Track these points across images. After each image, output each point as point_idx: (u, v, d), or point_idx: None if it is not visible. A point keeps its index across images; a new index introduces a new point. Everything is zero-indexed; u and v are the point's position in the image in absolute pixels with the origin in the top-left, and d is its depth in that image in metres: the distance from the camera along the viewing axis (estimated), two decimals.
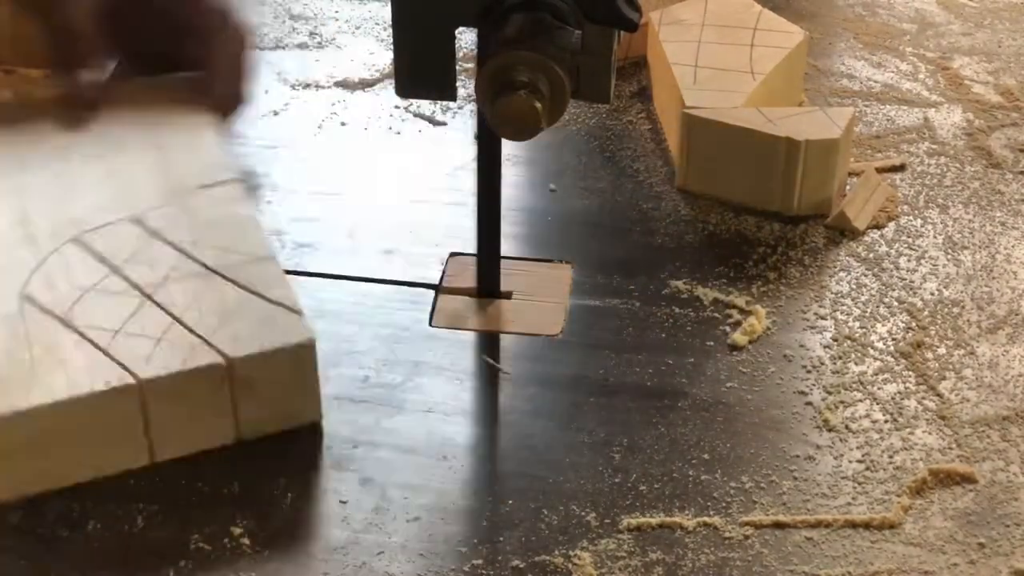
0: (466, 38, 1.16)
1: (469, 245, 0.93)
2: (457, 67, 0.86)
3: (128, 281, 0.84)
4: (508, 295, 0.93)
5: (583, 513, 0.78)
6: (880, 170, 1.04)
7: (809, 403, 0.85)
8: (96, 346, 0.79)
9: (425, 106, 1.11)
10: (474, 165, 0.89)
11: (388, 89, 1.13)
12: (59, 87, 0.97)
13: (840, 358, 0.88)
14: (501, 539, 0.76)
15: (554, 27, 0.81)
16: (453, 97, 0.87)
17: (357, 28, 1.21)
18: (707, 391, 0.86)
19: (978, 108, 1.12)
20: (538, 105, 0.81)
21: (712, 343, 0.89)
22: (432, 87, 0.87)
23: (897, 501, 0.79)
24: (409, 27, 0.84)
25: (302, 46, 1.19)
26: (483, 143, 0.88)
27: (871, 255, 0.97)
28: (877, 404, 0.85)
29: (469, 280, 0.93)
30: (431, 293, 0.93)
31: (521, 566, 0.75)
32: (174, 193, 0.91)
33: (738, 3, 1.12)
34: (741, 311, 0.92)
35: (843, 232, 0.99)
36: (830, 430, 0.83)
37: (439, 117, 1.10)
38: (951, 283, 0.94)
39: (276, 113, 1.10)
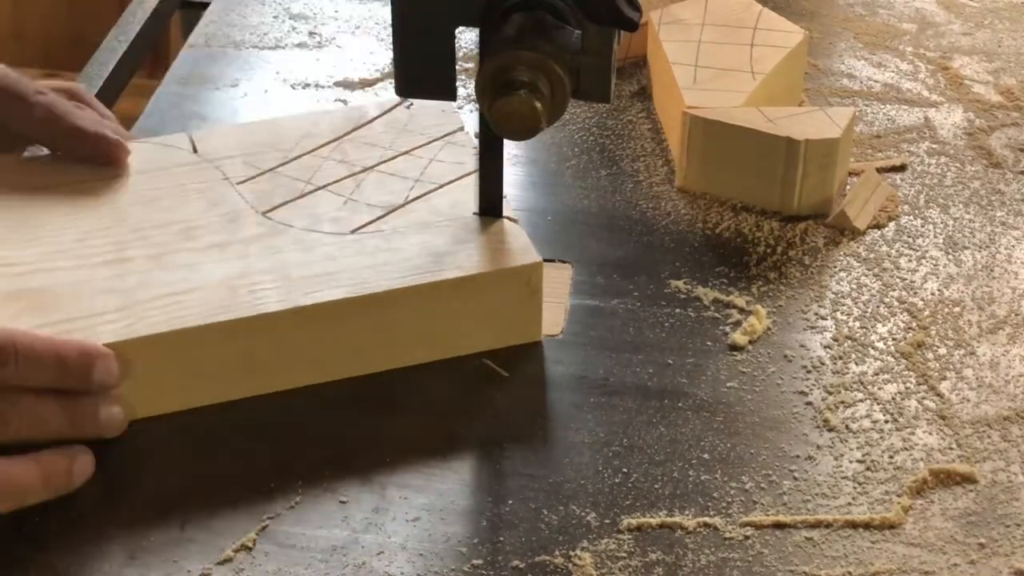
0: (466, 38, 1.16)
1: None
2: (457, 67, 0.86)
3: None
4: None
5: (583, 513, 0.78)
6: (880, 170, 1.04)
7: (809, 403, 0.85)
8: None
9: None
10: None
11: (388, 89, 1.13)
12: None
13: (840, 358, 0.88)
14: (501, 539, 0.76)
15: (554, 27, 0.81)
16: (453, 97, 0.87)
17: (357, 28, 1.21)
18: (707, 391, 0.86)
19: (978, 108, 1.12)
20: (538, 105, 0.81)
21: (712, 343, 0.89)
22: (432, 87, 0.87)
23: (897, 501, 0.79)
24: (409, 27, 0.84)
25: (302, 46, 1.19)
26: (485, 143, 0.88)
27: (871, 255, 0.97)
28: (877, 404, 0.85)
29: None
30: None
31: (521, 566, 0.75)
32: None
33: (738, 3, 1.12)
34: (741, 311, 0.92)
35: (843, 232, 0.99)
36: (830, 430, 0.83)
37: None
38: (952, 283, 0.94)
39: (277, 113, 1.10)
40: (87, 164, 0.93)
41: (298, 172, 0.94)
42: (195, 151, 0.95)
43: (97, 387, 0.79)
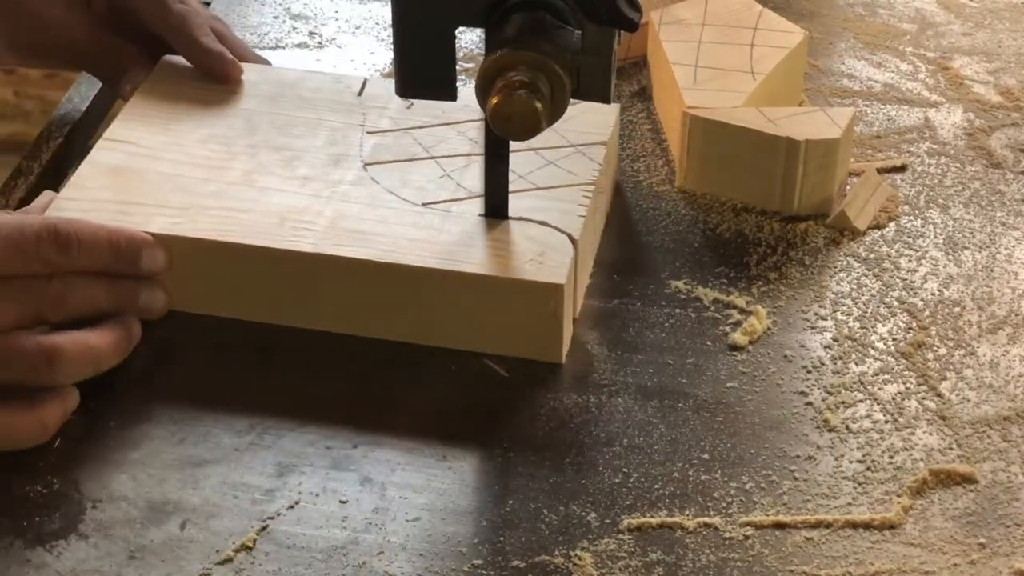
0: (466, 38, 1.16)
1: None
2: (457, 67, 0.86)
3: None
4: None
5: (583, 513, 0.78)
6: (880, 170, 1.04)
7: (809, 403, 0.85)
8: None
9: None
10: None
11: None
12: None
13: (840, 358, 0.88)
14: (501, 539, 0.76)
15: (554, 27, 0.81)
16: (453, 97, 0.87)
17: (357, 28, 1.21)
18: (707, 391, 0.86)
19: (978, 108, 1.12)
20: (538, 105, 0.81)
21: (712, 343, 0.89)
22: (432, 87, 0.87)
23: (897, 501, 0.79)
24: (409, 27, 0.84)
25: (302, 46, 1.19)
26: (489, 144, 0.88)
27: (871, 255, 0.97)
28: (877, 404, 0.85)
29: None
30: None
31: (521, 566, 0.75)
32: None
33: (738, 3, 1.12)
34: (741, 311, 0.92)
35: (843, 232, 0.99)
36: (830, 430, 0.83)
37: None
38: (952, 283, 0.94)
39: None
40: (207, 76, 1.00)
41: (426, 138, 0.96)
42: (360, 94, 1.00)
43: (144, 272, 0.86)
